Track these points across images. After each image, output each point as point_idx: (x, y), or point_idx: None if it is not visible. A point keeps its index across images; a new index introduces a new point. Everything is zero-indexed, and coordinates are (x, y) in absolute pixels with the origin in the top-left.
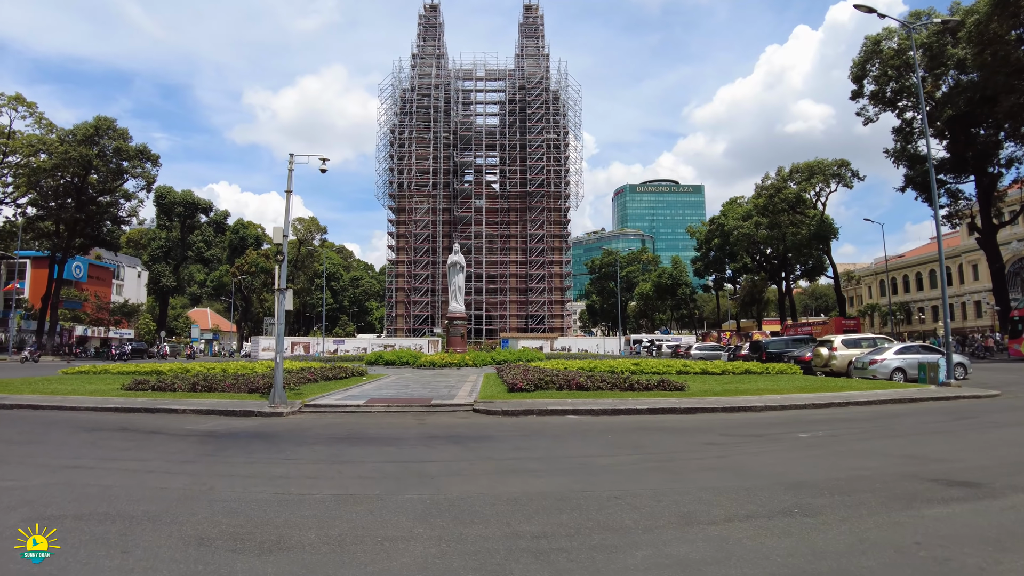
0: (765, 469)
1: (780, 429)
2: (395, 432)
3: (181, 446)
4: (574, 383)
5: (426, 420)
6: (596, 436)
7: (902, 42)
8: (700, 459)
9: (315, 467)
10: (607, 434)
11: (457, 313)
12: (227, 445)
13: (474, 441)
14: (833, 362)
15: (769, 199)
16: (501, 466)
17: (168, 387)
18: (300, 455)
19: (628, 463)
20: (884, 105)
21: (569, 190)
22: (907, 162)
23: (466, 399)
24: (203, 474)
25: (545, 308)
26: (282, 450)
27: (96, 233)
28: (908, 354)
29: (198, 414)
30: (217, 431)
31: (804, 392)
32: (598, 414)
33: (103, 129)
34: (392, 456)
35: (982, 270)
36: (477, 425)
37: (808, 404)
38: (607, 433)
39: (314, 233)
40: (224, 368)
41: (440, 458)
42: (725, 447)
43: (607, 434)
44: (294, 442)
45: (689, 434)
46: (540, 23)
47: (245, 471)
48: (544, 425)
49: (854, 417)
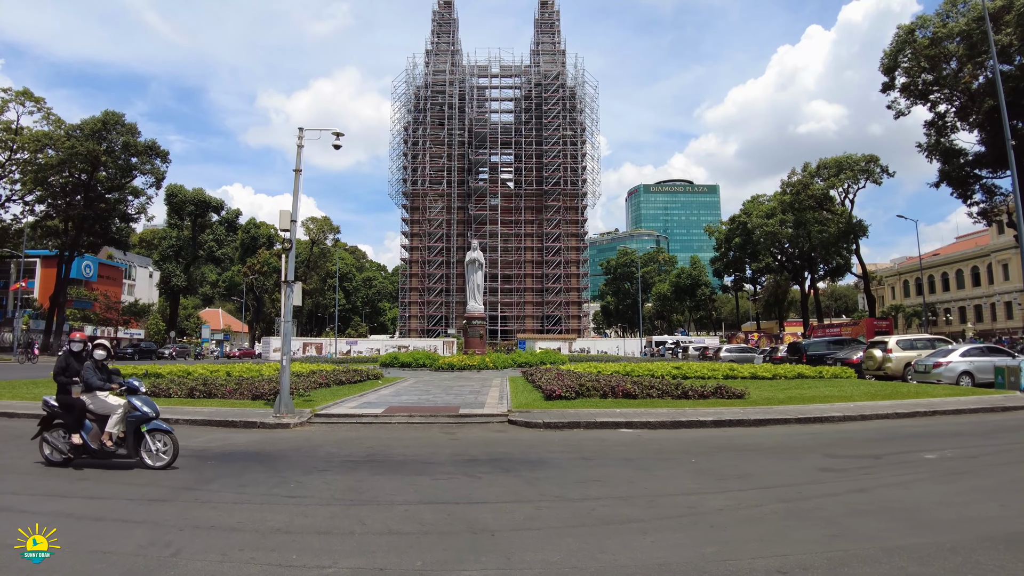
0: (936, 511)
1: (892, 448)
2: (424, 452)
3: (157, 474)
4: (620, 390)
5: (457, 435)
6: (676, 460)
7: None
8: (835, 495)
9: (327, 512)
10: (687, 456)
11: (476, 313)
12: (216, 473)
13: (527, 468)
14: (888, 365)
15: (795, 196)
16: (579, 511)
17: (163, 392)
18: (307, 490)
19: (747, 504)
20: (916, 98)
21: (586, 188)
22: (941, 156)
23: (498, 407)
24: (172, 524)
25: (561, 309)
26: (284, 481)
27: (105, 231)
28: (975, 356)
29: (192, 425)
30: (209, 450)
31: (877, 399)
32: (656, 427)
33: (111, 124)
34: (428, 493)
35: (1013, 269)
36: (520, 443)
37: (890, 413)
38: (686, 454)
39: (327, 233)
40: (228, 371)
41: (493, 497)
42: (849, 475)
43: (687, 456)
44: (300, 468)
45: (788, 455)
46: (556, 18)
47: (231, 519)
48: (601, 444)
49: (960, 431)
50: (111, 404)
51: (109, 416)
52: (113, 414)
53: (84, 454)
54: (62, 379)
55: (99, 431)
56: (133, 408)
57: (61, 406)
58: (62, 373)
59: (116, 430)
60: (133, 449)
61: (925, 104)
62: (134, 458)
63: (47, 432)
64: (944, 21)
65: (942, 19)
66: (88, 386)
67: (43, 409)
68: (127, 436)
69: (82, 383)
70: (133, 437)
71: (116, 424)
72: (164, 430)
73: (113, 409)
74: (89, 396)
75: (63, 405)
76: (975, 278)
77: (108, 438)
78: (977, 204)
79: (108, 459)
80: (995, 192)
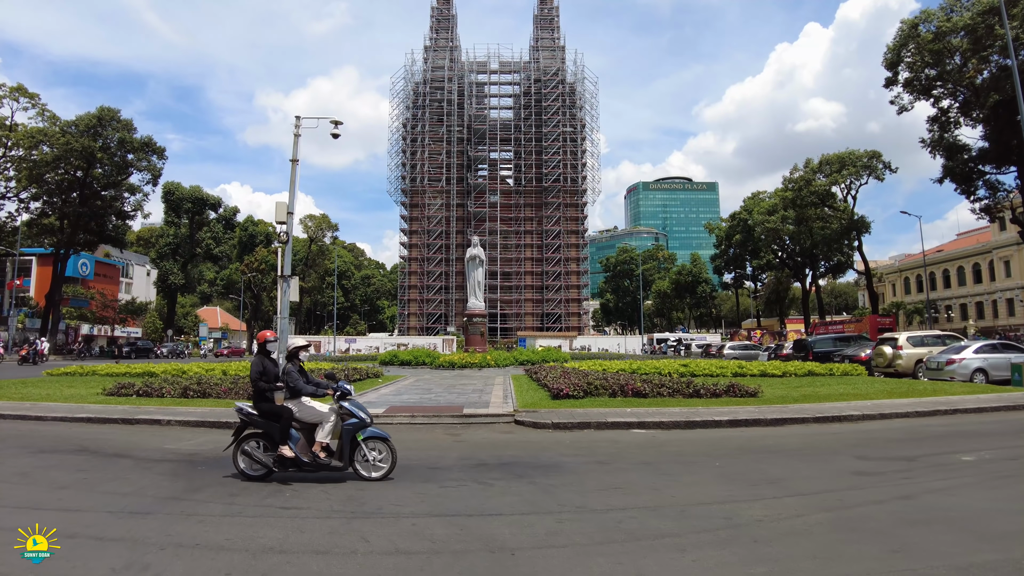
0: (997, 522)
1: (924, 449)
2: (429, 456)
3: (142, 482)
4: (629, 388)
5: (462, 436)
6: (698, 463)
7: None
8: (879, 502)
9: (326, 527)
10: (709, 459)
11: (477, 310)
12: (206, 481)
13: (541, 474)
14: (898, 362)
15: (797, 192)
16: (605, 524)
17: (155, 392)
18: (304, 500)
19: (788, 513)
20: (919, 93)
21: (586, 185)
22: (944, 152)
23: (503, 407)
24: (152, 541)
25: (561, 306)
26: (279, 489)
27: (101, 228)
28: (989, 353)
29: (184, 426)
30: (200, 454)
31: (894, 397)
32: (669, 427)
33: (106, 120)
34: (437, 503)
35: (1015, 266)
36: (530, 445)
37: (910, 412)
38: (707, 457)
39: (325, 230)
40: (224, 370)
41: (508, 508)
42: (887, 479)
43: (709, 459)
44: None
45: (814, 457)
46: (556, 14)
47: (219, 535)
48: (615, 445)
49: (988, 430)
50: (321, 411)
51: (320, 424)
52: (325, 422)
53: (292, 467)
54: (263, 385)
55: (305, 441)
56: (348, 414)
57: (264, 415)
58: (261, 378)
59: (329, 439)
60: (348, 460)
61: (928, 100)
62: (346, 469)
63: (243, 443)
64: (948, 15)
65: (946, 13)
66: (296, 392)
67: (239, 418)
68: (343, 445)
69: (286, 389)
70: (349, 447)
71: (328, 433)
72: (381, 437)
73: (324, 416)
74: (295, 403)
75: (267, 414)
76: (976, 275)
77: (320, 448)
78: (980, 200)
79: (318, 472)
80: (998, 188)
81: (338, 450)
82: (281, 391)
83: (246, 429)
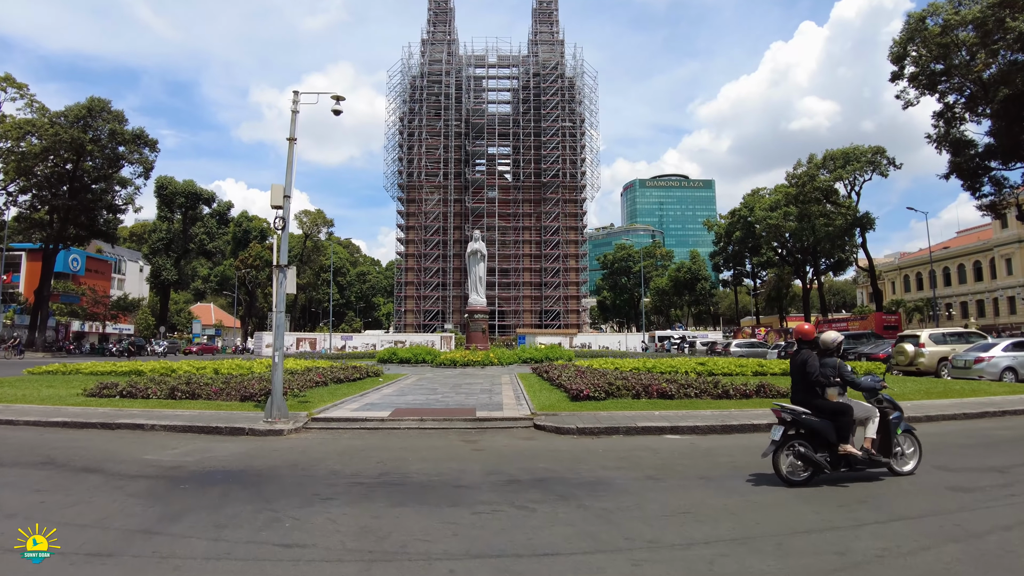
0: None
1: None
2: (449, 469)
3: (110, 507)
4: (654, 389)
5: (480, 443)
6: (762, 476)
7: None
8: (1007, 529)
9: (335, 572)
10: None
11: (478, 306)
12: (188, 504)
13: (587, 494)
14: (921, 360)
15: (800, 188)
16: (695, 567)
17: (140, 393)
18: (307, 534)
19: (909, 545)
20: (925, 88)
21: (585, 180)
22: (951, 148)
23: (518, 410)
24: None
25: (560, 303)
26: (277, 518)
27: (91, 222)
28: (1018, 351)
29: (169, 432)
30: (184, 467)
31: (932, 397)
32: (705, 432)
33: (96, 111)
34: (473, 537)
35: (1016, 264)
36: (560, 454)
37: (957, 414)
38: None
39: (320, 226)
40: (216, 368)
41: (563, 543)
42: (991, 495)
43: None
44: (298, 496)
45: None
46: (554, 7)
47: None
48: (656, 455)
49: None
50: (866, 406)
51: (869, 419)
52: (873, 416)
53: (845, 466)
54: (824, 380)
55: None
56: (893, 407)
57: (828, 413)
58: (820, 373)
59: (875, 434)
60: (888, 454)
61: (934, 94)
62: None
63: (787, 446)
64: (956, 8)
65: (954, 6)
66: (859, 387)
67: (783, 418)
68: (884, 440)
69: (840, 385)
70: (888, 441)
71: (875, 428)
72: (909, 430)
73: (871, 412)
74: (844, 399)
75: (832, 412)
76: (977, 272)
77: (871, 444)
78: (985, 197)
79: (863, 470)
80: (1004, 184)
81: (881, 446)
82: (836, 387)
83: (789, 430)
